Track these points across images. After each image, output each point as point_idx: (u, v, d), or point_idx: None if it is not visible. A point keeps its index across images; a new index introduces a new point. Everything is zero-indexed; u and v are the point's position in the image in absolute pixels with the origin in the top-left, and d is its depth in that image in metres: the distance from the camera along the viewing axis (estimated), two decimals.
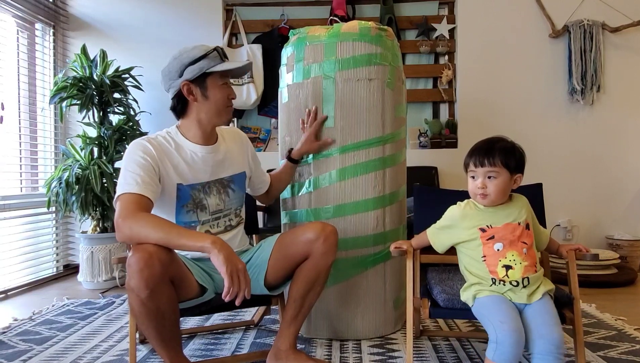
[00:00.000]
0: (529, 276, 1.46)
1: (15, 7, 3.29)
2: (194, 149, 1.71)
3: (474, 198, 1.56)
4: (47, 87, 3.59)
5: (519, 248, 1.48)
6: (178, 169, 1.67)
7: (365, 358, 1.85)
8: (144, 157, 1.59)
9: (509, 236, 1.49)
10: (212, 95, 1.69)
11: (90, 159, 3.19)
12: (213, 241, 1.40)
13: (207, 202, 1.73)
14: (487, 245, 1.51)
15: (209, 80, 1.68)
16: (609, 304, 2.56)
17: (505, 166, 1.49)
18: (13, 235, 3.21)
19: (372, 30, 2.04)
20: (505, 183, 1.50)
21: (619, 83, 3.64)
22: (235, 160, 1.84)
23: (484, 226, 1.53)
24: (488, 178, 1.50)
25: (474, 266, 1.53)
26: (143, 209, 1.49)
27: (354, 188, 2.02)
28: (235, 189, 1.82)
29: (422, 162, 3.65)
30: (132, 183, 1.53)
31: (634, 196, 3.65)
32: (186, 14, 3.80)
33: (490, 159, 1.49)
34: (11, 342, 2.10)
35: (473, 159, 1.52)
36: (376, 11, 3.77)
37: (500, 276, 1.47)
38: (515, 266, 1.46)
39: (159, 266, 1.37)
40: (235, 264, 1.39)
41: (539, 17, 3.67)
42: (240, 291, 1.38)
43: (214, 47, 1.69)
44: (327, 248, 1.66)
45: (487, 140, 1.56)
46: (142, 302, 1.39)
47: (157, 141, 1.67)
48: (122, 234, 1.46)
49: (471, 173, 1.54)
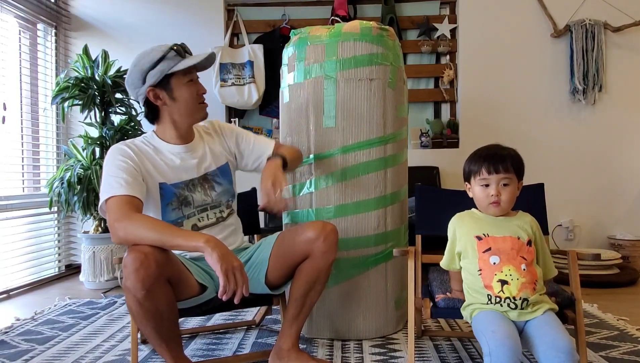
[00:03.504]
0: (527, 297, 1.38)
1: (17, 8, 3.30)
2: (172, 150, 1.71)
3: (485, 208, 1.50)
4: (49, 88, 3.59)
5: (517, 263, 1.41)
6: (158, 169, 1.67)
7: (367, 358, 1.85)
8: (124, 160, 1.59)
9: (507, 249, 1.43)
10: (179, 95, 1.66)
11: (92, 160, 3.19)
12: (207, 240, 1.39)
13: (192, 198, 1.72)
14: (482, 258, 1.45)
15: (173, 81, 1.65)
16: (611, 304, 2.56)
17: (516, 172, 1.47)
18: (15, 235, 3.22)
19: (374, 30, 2.04)
20: (515, 191, 1.48)
21: (621, 83, 3.63)
22: (215, 152, 1.81)
23: (481, 234, 1.48)
24: (503, 185, 1.46)
25: (471, 282, 1.48)
26: (135, 210, 1.49)
27: (355, 188, 2.02)
28: (222, 182, 1.80)
29: (424, 162, 3.65)
30: (117, 186, 1.52)
31: (636, 196, 3.65)
32: (188, 14, 3.80)
33: (504, 165, 1.45)
34: (13, 342, 2.10)
35: (486, 167, 1.46)
36: (377, 11, 3.77)
37: (496, 292, 1.40)
38: (512, 281, 1.39)
39: (155, 267, 1.36)
40: (231, 262, 1.38)
41: (541, 17, 3.66)
42: (238, 288, 1.38)
43: (171, 46, 1.64)
44: (328, 247, 1.66)
45: (490, 147, 1.52)
46: (139, 302, 1.39)
47: (135, 144, 1.68)
48: (117, 236, 1.45)
49: (483, 181, 1.48)
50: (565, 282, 1.71)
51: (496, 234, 1.47)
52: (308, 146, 2.06)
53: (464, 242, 1.52)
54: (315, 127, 2.04)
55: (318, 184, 2.03)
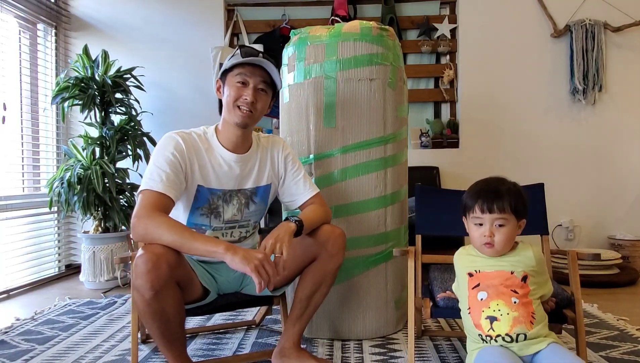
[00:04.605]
0: (524, 332, 1.27)
1: (17, 8, 3.30)
2: (224, 155, 1.68)
3: (479, 248, 1.39)
4: (49, 88, 3.59)
5: (507, 298, 1.30)
6: (204, 171, 1.65)
7: (367, 358, 1.85)
8: (173, 153, 1.58)
9: (495, 284, 1.33)
10: (226, 91, 1.67)
11: (92, 160, 3.19)
12: (226, 247, 1.39)
13: (222, 210, 1.70)
14: (471, 295, 1.36)
15: (228, 77, 1.66)
16: (611, 304, 2.56)
17: (514, 212, 1.35)
18: (15, 235, 3.22)
19: (374, 30, 2.04)
20: (512, 232, 1.36)
21: (620, 83, 3.63)
22: (263, 171, 1.76)
23: (472, 270, 1.39)
24: (497, 226, 1.35)
25: (465, 322, 1.39)
26: (161, 209, 1.48)
27: (355, 188, 2.02)
28: (257, 202, 1.76)
29: (424, 162, 3.65)
30: (157, 180, 1.52)
31: (637, 196, 3.65)
32: (188, 14, 3.80)
33: (500, 204, 1.33)
34: (13, 342, 2.10)
35: (479, 205, 1.35)
36: (377, 11, 3.77)
37: (486, 331, 1.30)
38: (501, 317, 1.28)
39: (166, 269, 1.37)
40: (255, 257, 1.38)
41: (541, 17, 3.66)
42: (271, 277, 1.38)
43: (239, 46, 1.67)
44: (336, 251, 1.67)
45: (490, 181, 1.42)
46: (146, 302, 1.39)
47: (191, 138, 1.65)
48: (137, 233, 1.45)
49: (477, 219, 1.37)
50: (565, 282, 1.70)
51: (488, 269, 1.37)
52: (308, 146, 2.06)
53: (459, 279, 1.46)
54: (315, 127, 2.04)
55: (318, 184, 2.03)
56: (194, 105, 3.78)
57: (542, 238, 1.83)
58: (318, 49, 2.04)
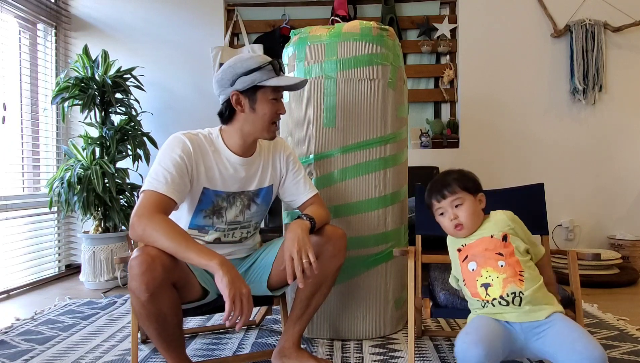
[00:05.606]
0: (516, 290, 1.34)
1: (17, 8, 3.30)
2: (230, 158, 1.67)
3: (454, 234, 1.52)
4: (49, 88, 3.59)
5: (493, 263, 1.40)
6: (210, 173, 1.64)
7: (367, 358, 1.85)
8: (180, 155, 1.56)
9: (481, 251, 1.43)
10: (260, 109, 1.63)
11: (92, 160, 3.19)
12: (220, 263, 1.36)
13: (225, 212, 1.70)
14: (463, 268, 1.47)
15: (259, 93, 1.62)
16: (611, 304, 2.56)
17: (465, 190, 1.49)
18: (15, 235, 3.22)
19: (374, 30, 2.04)
20: (473, 206, 1.49)
21: (621, 83, 3.63)
22: (266, 172, 1.77)
23: (460, 245, 1.50)
24: (456, 206, 1.48)
25: (465, 294, 1.49)
26: (162, 211, 1.47)
27: (355, 188, 2.02)
28: (259, 203, 1.77)
29: (424, 162, 3.65)
30: (162, 181, 1.50)
31: (636, 196, 3.65)
32: (188, 14, 3.80)
33: (449, 189, 1.49)
34: (13, 342, 2.10)
35: (434, 197, 1.52)
36: (377, 11, 3.77)
37: (483, 297, 1.40)
38: (493, 282, 1.38)
39: (161, 271, 1.36)
40: (239, 288, 1.35)
41: (541, 17, 3.67)
42: (242, 316, 1.35)
43: (270, 60, 1.62)
44: (336, 251, 1.67)
45: (437, 177, 1.58)
46: (142, 304, 1.39)
47: (198, 140, 1.64)
48: (135, 232, 1.44)
49: (438, 210, 1.52)
50: (565, 282, 1.71)
51: (472, 240, 1.48)
52: (308, 146, 2.06)
53: (452, 257, 1.55)
54: (315, 127, 2.04)
55: (318, 184, 2.03)
56: (194, 105, 3.78)
57: (542, 238, 1.83)
58: (318, 49, 2.04)
